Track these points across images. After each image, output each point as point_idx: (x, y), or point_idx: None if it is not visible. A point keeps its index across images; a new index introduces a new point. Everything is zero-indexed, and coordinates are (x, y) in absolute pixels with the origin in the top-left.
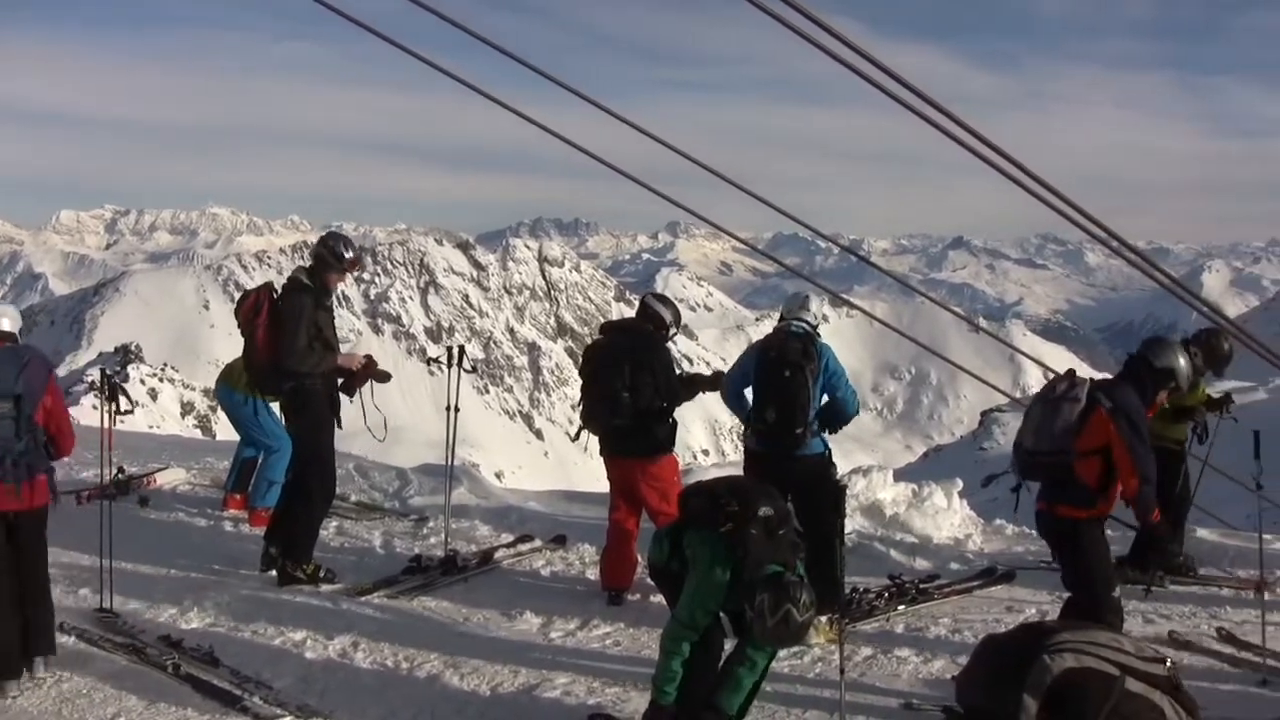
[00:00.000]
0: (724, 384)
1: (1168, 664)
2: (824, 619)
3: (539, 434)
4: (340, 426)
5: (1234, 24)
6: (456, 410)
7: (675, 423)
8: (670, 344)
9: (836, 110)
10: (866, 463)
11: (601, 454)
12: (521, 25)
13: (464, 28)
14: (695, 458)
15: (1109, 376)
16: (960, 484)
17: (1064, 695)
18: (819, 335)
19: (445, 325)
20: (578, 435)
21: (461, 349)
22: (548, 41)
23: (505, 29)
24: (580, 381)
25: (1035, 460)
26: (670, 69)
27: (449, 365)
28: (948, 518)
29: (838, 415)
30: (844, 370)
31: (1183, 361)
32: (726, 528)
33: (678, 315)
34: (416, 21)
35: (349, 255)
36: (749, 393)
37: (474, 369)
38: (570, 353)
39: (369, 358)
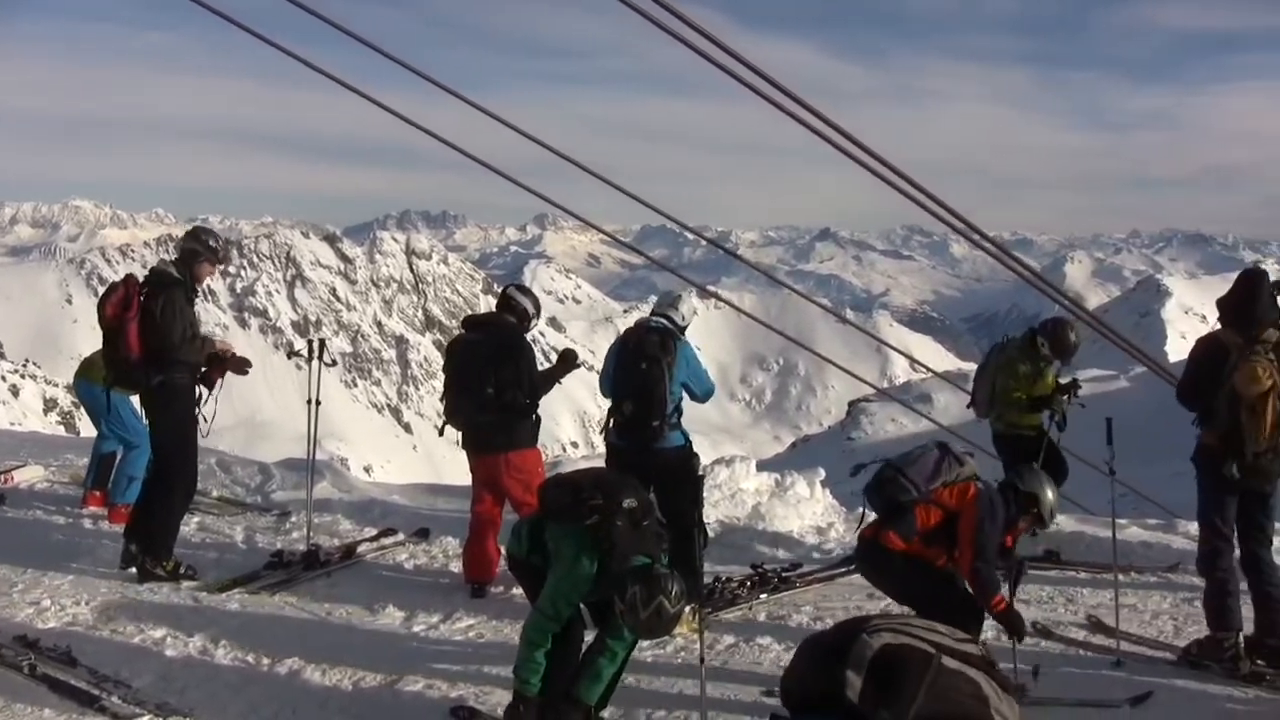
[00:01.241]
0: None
1: (981, 644)
2: (686, 609)
3: (408, 428)
4: (207, 420)
5: (1094, 21)
6: (318, 404)
7: (539, 417)
8: (536, 334)
9: (703, 102)
10: (735, 453)
11: (464, 448)
12: (387, 17)
13: (330, 21)
14: (564, 450)
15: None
16: (822, 473)
17: (885, 669)
18: (683, 332)
19: (312, 319)
20: (442, 430)
21: (322, 342)
22: (414, 34)
23: (371, 21)
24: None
25: (899, 482)
26: (538, 61)
27: (309, 358)
28: (810, 507)
29: (695, 398)
30: (703, 368)
31: (1049, 494)
32: (592, 521)
33: (538, 305)
34: (282, 13)
35: (219, 249)
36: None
37: (334, 362)
38: (438, 345)
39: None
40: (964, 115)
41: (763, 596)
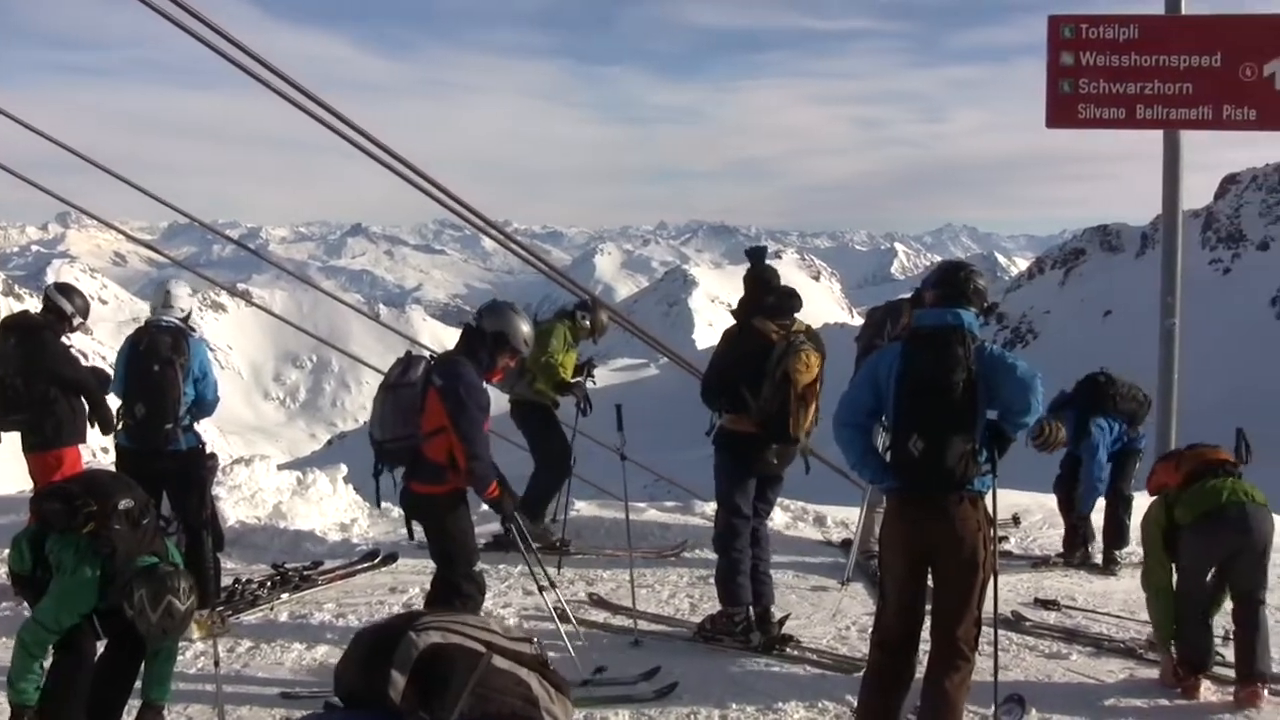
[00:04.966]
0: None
1: (534, 643)
2: (203, 613)
3: None
4: None
5: (621, 16)
6: None
7: (76, 411)
8: (69, 334)
9: (227, 95)
10: (269, 453)
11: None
12: None
13: None
14: (94, 455)
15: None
16: (345, 469)
17: (431, 668)
18: (193, 329)
19: None
20: None
21: None
22: None
23: None
24: None
25: (386, 448)
26: (60, 53)
27: None
28: (333, 503)
29: (201, 410)
30: (212, 373)
31: (522, 326)
32: (88, 529)
33: (84, 305)
34: None
35: None
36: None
37: None
38: None
39: None
40: (495, 109)
41: (284, 596)
